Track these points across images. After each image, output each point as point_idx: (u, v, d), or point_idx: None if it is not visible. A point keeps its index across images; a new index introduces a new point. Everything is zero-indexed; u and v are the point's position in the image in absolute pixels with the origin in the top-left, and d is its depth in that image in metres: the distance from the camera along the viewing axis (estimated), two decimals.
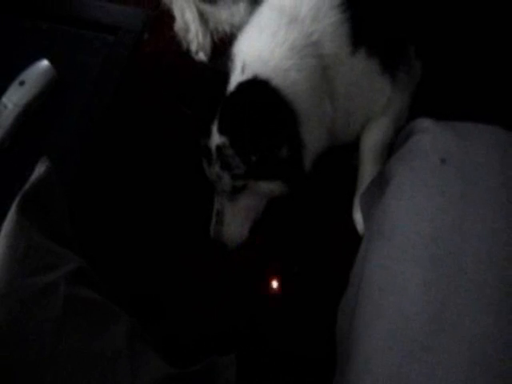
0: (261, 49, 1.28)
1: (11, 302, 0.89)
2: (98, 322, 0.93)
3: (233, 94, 1.25)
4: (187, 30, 1.74)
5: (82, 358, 0.88)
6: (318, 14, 1.28)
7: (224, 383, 0.97)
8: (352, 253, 1.15)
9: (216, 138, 1.26)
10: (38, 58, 1.35)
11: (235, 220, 1.36)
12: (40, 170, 1.06)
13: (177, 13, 1.76)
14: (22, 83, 1.32)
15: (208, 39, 1.74)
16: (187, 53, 1.72)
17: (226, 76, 1.27)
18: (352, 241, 1.27)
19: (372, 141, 1.42)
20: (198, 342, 1.30)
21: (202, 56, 1.72)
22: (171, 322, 1.33)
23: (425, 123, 1.12)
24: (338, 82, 1.32)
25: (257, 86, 1.24)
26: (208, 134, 1.27)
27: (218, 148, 1.26)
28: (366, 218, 1.21)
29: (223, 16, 1.71)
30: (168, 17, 1.77)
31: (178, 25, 1.75)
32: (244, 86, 1.25)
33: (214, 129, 1.26)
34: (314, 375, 1.25)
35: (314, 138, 1.30)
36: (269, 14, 1.33)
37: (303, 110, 1.26)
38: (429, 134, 1.09)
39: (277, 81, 1.24)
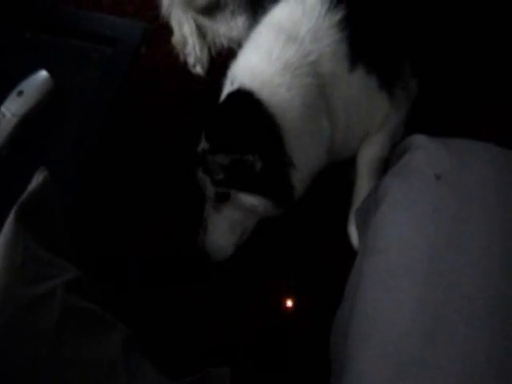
0: (254, 64, 1.31)
1: (7, 311, 0.89)
2: (94, 332, 0.93)
3: (219, 103, 1.32)
4: (185, 43, 1.75)
5: (77, 367, 0.88)
6: (317, 34, 1.30)
7: None
8: (347, 267, 1.16)
9: (202, 144, 1.31)
10: (36, 68, 1.36)
11: (218, 230, 1.36)
12: (38, 180, 1.06)
13: (175, 26, 1.78)
14: (20, 93, 1.32)
15: (205, 52, 1.75)
16: (184, 66, 1.74)
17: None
18: (347, 255, 1.28)
19: (368, 156, 1.44)
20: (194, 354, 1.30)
21: (199, 69, 1.73)
22: (167, 333, 1.33)
23: (420, 139, 1.14)
24: (336, 99, 1.33)
25: (239, 96, 1.28)
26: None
27: (203, 153, 1.30)
28: (361, 232, 1.21)
29: (221, 30, 1.72)
30: (166, 30, 1.78)
31: (176, 38, 1.77)
32: (229, 96, 1.30)
33: (203, 135, 1.31)
34: None
35: (306, 158, 1.31)
36: (267, 32, 1.35)
37: (292, 128, 1.28)
38: (424, 151, 1.10)
39: (262, 94, 1.26)
